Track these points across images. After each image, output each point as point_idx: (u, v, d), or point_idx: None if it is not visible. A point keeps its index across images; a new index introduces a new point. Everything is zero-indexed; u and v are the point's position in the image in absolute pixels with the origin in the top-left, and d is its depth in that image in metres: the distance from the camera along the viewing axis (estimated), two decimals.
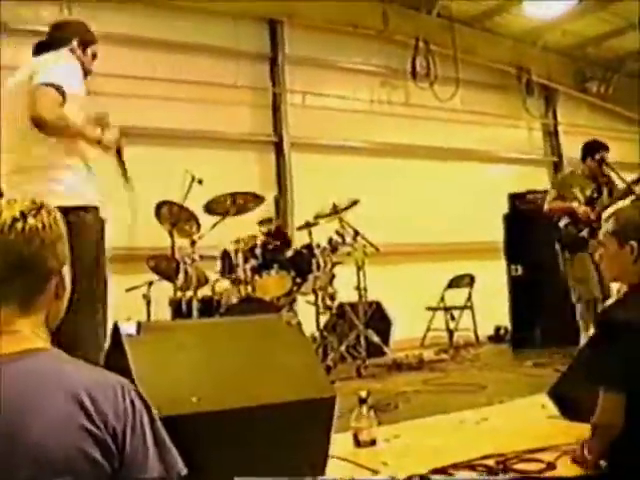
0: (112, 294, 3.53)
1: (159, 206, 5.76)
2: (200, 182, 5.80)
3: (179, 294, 5.95)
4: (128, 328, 2.39)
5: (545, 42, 10.03)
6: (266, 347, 2.58)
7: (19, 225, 1.42)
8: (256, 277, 6.04)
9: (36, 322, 1.46)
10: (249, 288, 6.00)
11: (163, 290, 6.32)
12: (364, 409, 3.24)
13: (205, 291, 6.20)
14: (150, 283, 6.42)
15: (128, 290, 6.35)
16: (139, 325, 2.40)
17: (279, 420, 2.37)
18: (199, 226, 5.80)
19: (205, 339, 2.56)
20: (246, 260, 6.07)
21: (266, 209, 7.01)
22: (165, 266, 6.31)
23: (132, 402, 1.40)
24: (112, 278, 3.65)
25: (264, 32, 8.65)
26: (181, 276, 5.85)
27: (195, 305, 5.67)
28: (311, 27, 8.72)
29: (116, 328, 2.42)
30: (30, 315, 1.45)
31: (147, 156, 7.28)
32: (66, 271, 1.51)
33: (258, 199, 6.16)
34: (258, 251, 6.17)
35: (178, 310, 5.89)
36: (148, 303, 6.34)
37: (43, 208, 1.47)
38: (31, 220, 1.44)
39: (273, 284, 6.10)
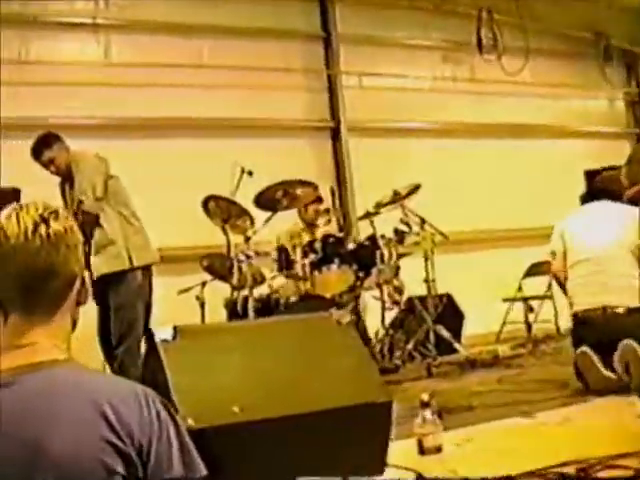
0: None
1: (206, 201, 5.76)
2: (250, 174, 5.79)
3: (234, 294, 5.94)
4: (163, 333, 2.36)
5: (623, 2, 9.67)
6: (314, 349, 2.54)
7: (43, 230, 1.44)
8: (315, 273, 5.95)
9: (56, 332, 1.47)
10: (308, 285, 5.94)
11: (217, 290, 6.35)
12: (427, 413, 3.15)
13: (262, 290, 6.18)
14: (203, 284, 6.42)
15: (180, 292, 6.38)
16: (175, 329, 2.37)
17: (330, 428, 2.32)
18: (252, 221, 5.77)
19: (248, 342, 2.52)
20: (304, 255, 5.99)
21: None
22: (219, 265, 6.32)
23: (157, 413, 1.41)
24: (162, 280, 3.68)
25: (314, 10, 8.59)
26: (235, 275, 5.78)
27: (251, 305, 5.62)
28: (363, 3, 8.65)
29: (150, 334, 2.40)
30: (51, 324, 1.46)
31: (193, 148, 7.44)
32: (87, 275, 1.55)
33: (311, 188, 6.09)
34: (317, 245, 6.06)
35: (234, 311, 5.88)
36: (202, 305, 6.34)
37: (60, 211, 1.49)
38: (55, 224, 1.46)
39: (334, 280, 6.02)
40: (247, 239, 5.73)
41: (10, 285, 1.44)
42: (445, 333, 6.22)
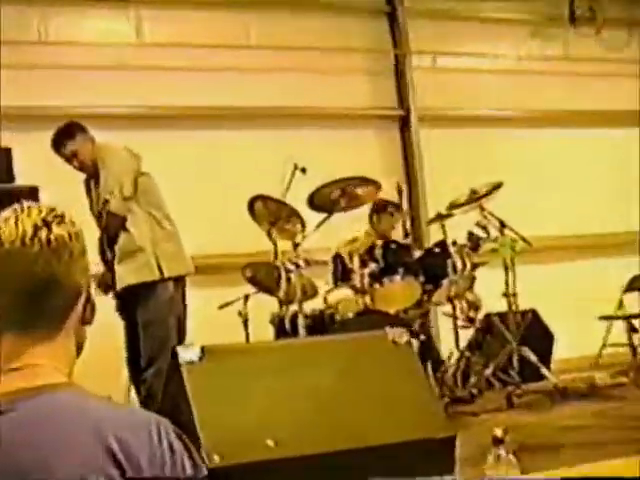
0: None
1: (253, 202, 5.81)
2: (304, 171, 5.82)
3: (282, 309, 6.01)
4: (188, 353, 2.36)
5: None
6: (364, 373, 2.55)
7: (43, 235, 1.44)
8: (376, 285, 5.99)
9: (57, 353, 1.48)
10: (367, 299, 5.97)
11: (263, 305, 6.39)
12: (501, 451, 3.10)
13: (314, 304, 6.22)
14: (246, 297, 6.44)
15: (221, 307, 6.43)
16: (202, 350, 2.39)
17: (381, 467, 2.32)
18: (303, 225, 5.82)
19: (287, 365, 2.55)
20: (363, 264, 6.03)
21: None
22: (264, 275, 6.36)
23: (170, 445, 1.40)
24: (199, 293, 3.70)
25: None
26: (283, 287, 5.86)
27: (301, 321, 5.67)
28: None
29: (174, 354, 2.40)
30: (52, 344, 1.47)
31: (238, 142, 7.53)
32: (92, 290, 1.55)
33: (374, 187, 6.08)
34: (378, 252, 6.10)
35: (281, 328, 5.93)
36: (245, 322, 6.37)
37: (66, 216, 1.50)
38: (57, 229, 1.46)
39: (398, 293, 6.05)
40: (296, 245, 5.77)
41: (4, 298, 1.45)
42: (531, 356, 6.16)
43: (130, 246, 5.28)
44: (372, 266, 6.00)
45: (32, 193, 5.04)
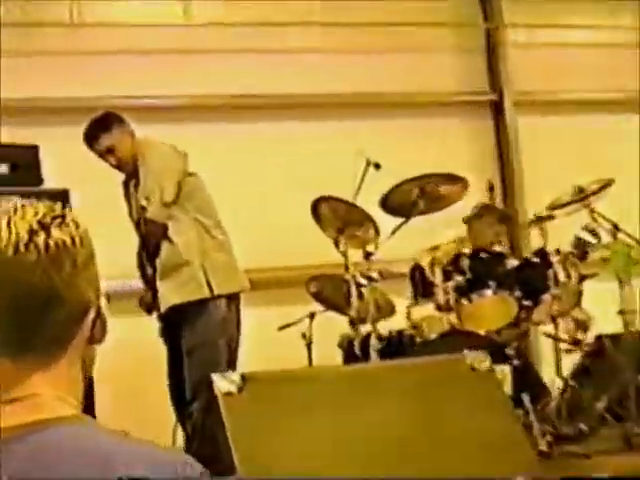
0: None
1: (317, 205, 5.81)
2: (378, 167, 5.81)
3: (353, 329, 5.95)
4: (226, 382, 2.36)
5: None
6: (436, 404, 2.53)
7: (40, 240, 1.43)
8: (464, 301, 5.97)
9: (60, 379, 1.47)
10: (454, 317, 5.96)
11: (330, 325, 6.39)
12: None
13: (390, 323, 6.21)
14: (311, 316, 6.44)
15: (282, 328, 6.45)
16: (243, 378, 2.40)
17: None
18: (377, 231, 5.79)
19: (346, 395, 2.57)
20: (448, 277, 6.01)
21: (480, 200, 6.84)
22: (332, 291, 6.37)
23: None
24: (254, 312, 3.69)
25: None
26: (354, 304, 5.81)
27: (374, 344, 5.67)
28: None
29: (210, 383, 2.45)
30: (53, 368, 1.46)
31: (300, 134, 7.63)
32: (104, 303, 1.54)
33: (460, 184, 6.03)
34: (465, 263, 6.06)
35: (351, 352, 5.90)
36: (309, 345, 6.39)
37: (68, 216, 1.49)
38: (57, 232, 1.45)
39: (489, 310, 6.02)
40: (368, 255, 5.74)
41: None
42: None
43: (174, 259, 5.31)
44: (458, 279, 5.96)
45: (62, 197, 5.07)
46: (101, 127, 5.38)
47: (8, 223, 1.42)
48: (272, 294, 6.74)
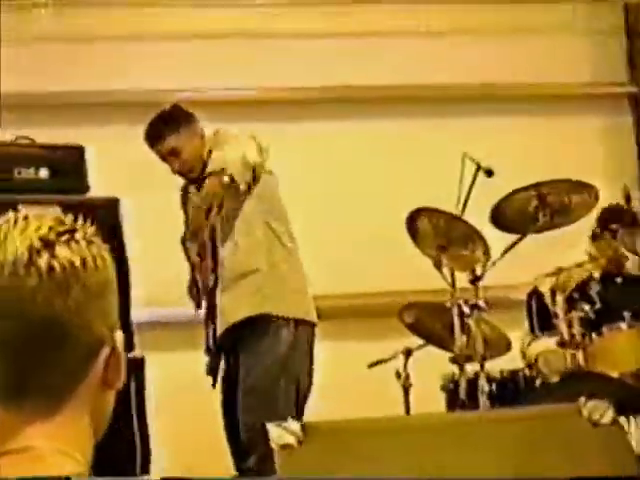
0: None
1: (414, 217, 5.77)
2: (490, 174, 5.75)
3: (457, 369, 5.86)
4: (284, 434, 2.36)
5: None
6: (543, 467, 2.46)
7: (43, 260, 1.41)
8: (593, 335, 5.85)
9: (64, 429, 1.45)
10: (580, 355, 5.81)
11: (431, 363, 6.30)
12: None
13: (502, 362, 6.15)
14: (408, 353, 6.28)
15: (372, 366, 6.34)
16: (304, 428, 2.35)
17: None
18: (487, 250, 5.72)
19: (431, 451, 2.56)
20: (573, 306, 5.90)
21: None
22: (431, 321, 6.28)
23: None
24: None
25: None
26: (459, 338, 5.74)
27: (483, 386, 5.60)
28: None
29: (264, 432, 2.47)
30: (57, 417, 1.45)
31: (393, 133, 7.59)
32: (120, 340, 1.51)
33: (589, 193, 5.89)
34: (594, 289, 6.05)
35: (455, 396, 5.85)
36: (406, 387, 6.20)
37: (80, 231, 1.48)
38: (63, 251, 1.44)
39: (624, 347, 5.89)
40: (476, 279, 5.70)
41: None
42: None
43: (239, 265, 5.30)
44: (585, 308, 5.85)
45: (111, 207, 5.19)
46: (167, 125, 5.41)
47: (5, 238, 1.42)
48: (356, 325, 6.75)
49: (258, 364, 5.23)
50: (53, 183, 5.34)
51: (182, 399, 6.55)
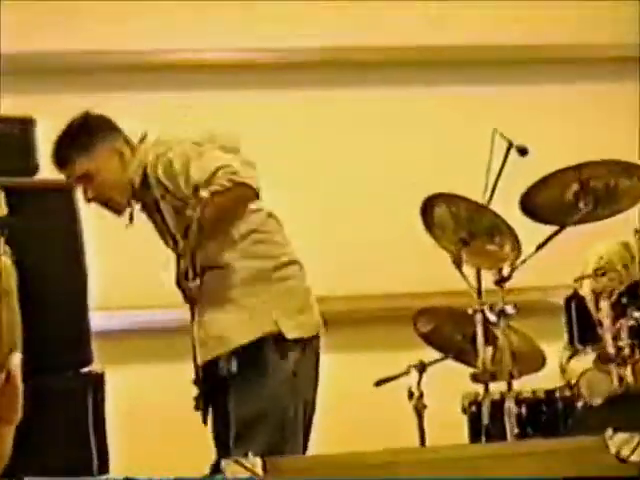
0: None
1: (430, 204, 5.76)
2: (524, 152, 5.78)
3: (481, 388, 5.88)
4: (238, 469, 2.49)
5: None
6: None
7: None
8: None
9: None
10: (629, 372, 5.73)
11: (450, 379, 6.29)
12: None
13: (535, 379, 6.13)
14: (422, 367, 6.21)
15: (379, 383, 6.32)
16: (264, 464, 2.44)
17: None
18: (517, 244, 5.70)
19: None
20: (620, 313, 5.80)
21: None
22: (450, 330, 6.27)
23: None
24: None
25: None
26: (482, 350, 5.73)
27: (510, 409, 5.55)
28: None
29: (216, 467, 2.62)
30: None
31: (408, 103, 7.60)
32: (16, 364, 1.51)
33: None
34: None
35: (477, 420, 5.88)
36: (418, 409, 6.14)
37: None
38: None
39: None
40: (503, 279, 5.67)
41: None
42: None
43: (229, 280, 5.27)
44: (636, 315, 5.75)
45: (64, 192, 5.15)
46: (78, 142, 5.33)
47: None
48: (360, 333, 6.74)
49: (262, 391, 5.22)
50: None
51: (151, 419, 6.50)
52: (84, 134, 5.33)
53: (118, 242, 5.25)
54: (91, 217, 5.27)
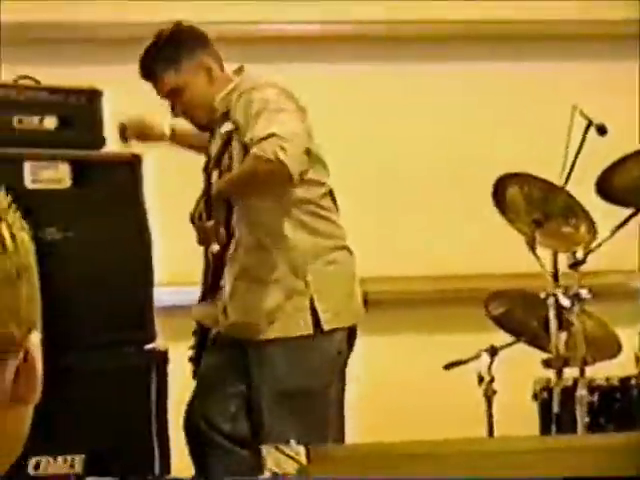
0: None
1: (501, 185, 5.76)
2: (602, 131, 5.67)
3: (552, 374, 5.86)
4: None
5: None
6: None
7: None
8: None
9: None
10: None
11: (522, 365, 6.23)
12: None
13: (609, 366, 6.04)
14: (493, 351, 6.14)
15: (449, 367, 6.28)
16: (308, 451, 2.37)
17: None
18: (593, 226, 5.71)
19: None
20: None
21: None
22: (523, 314, 6.21)
23: None
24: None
25: None
26: (555, 335, 5.71)
27: (581, 398, 5.50)
28: None
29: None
30: None
31: (474, 79, 7.51)
32: (35, 343, 1.41)
33: None
34: None
35: (547, 408, 5.80)
36: (488, 394, 6.09)
37: None
38: None
39: None
40: (577, 263, 5.63)
41: None
42: None
43: (261, 269, 5.14)
44: None
45: (130, 165, 5.07)
46: (164, 54, 5.22)
47: None
48: (429, 315, 6.62)
49: (296, 370, 5.14)
50: (61, 135, 5.19)
51: None
52: (170, 47, 5.25)
53: (184, 218, 5.16)
54: (157, 192, 5.23)
